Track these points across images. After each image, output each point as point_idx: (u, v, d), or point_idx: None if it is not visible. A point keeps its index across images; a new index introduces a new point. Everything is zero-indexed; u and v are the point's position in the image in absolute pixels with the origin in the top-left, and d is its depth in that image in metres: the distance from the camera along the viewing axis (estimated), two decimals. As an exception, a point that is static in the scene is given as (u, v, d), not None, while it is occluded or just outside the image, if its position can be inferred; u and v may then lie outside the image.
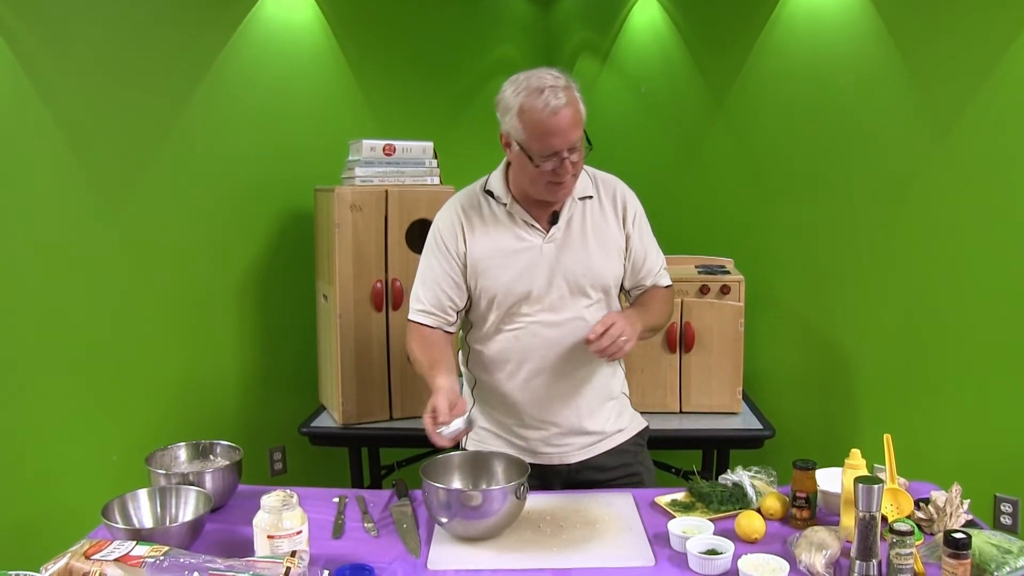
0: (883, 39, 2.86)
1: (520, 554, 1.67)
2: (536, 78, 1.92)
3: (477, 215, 2.07)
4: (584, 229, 2.05)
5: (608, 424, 2.12)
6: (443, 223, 2.09)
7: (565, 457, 2.08)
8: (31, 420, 2.87)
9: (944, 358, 2.79)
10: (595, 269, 2.04)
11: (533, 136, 1.89)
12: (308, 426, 3.01)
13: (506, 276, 2.01)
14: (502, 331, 2.04)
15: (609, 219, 2.08)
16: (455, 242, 2.05)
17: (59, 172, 2.88)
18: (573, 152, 1.91)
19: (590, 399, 2.07)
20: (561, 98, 1.86)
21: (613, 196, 2.10)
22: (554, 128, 1.87)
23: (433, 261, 2.08)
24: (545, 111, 1.86)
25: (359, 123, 3.62)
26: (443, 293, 2.05)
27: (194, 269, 3.23)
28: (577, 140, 1.90)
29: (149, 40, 3.04)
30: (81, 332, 2.96)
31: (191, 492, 1.80)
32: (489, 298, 2.03)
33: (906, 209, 2.86)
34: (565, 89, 1.89)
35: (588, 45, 4.22)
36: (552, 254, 2.02)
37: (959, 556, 1.43)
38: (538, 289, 2.01)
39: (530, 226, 2.03)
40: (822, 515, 1.82)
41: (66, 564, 1.42)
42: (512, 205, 2.04)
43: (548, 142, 1.88)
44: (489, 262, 2.02)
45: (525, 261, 2.01)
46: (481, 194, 2.10)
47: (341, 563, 1.59)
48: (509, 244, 2.03)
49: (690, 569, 1.60)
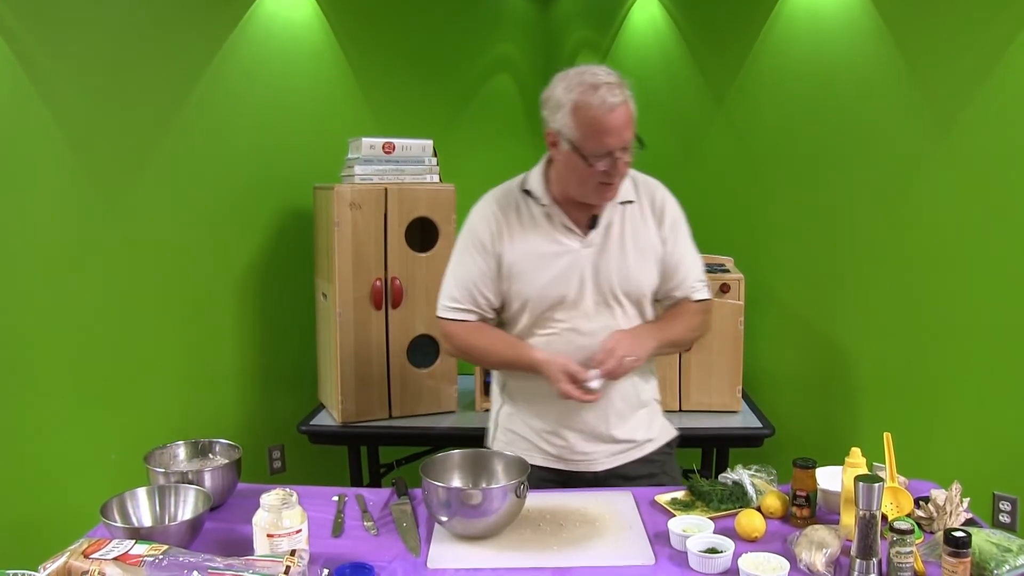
0: (883, 37, 2.86)
1: (520, 553, 1.66)
2: (590, 74, 1.86)
3: (515, 215, 2.02)
4: (623, 235, 2.00)
5: (638, 433, 2.08)
6: (479, 220, 2.05)
7: (592, 465, 2.05)
8: (30, 419, 2.87)
9: (944, 356, 2.79)
10: (632, 277, 2.00)
11: (588, 134, 1.83)
12: (307, 424, 3.00)
13: (541, 280, 1.97)
14: (534, 335, 2.01)
15: (648, 224, 2.03)
16: (491, 241, 2.01)
17: (58, 170, 2.88)
18: (626, 152, 1.87)
19: (620, 407, 2.04)
20: (617, 95, 1.82)
21: (652, 200, 2.06)
22: (610, 126, 1.82)
23: (467, 259, 2.03)
24: (602, 108, 1.81)
25: (358, 121, 3.61)
26: (478, 292, 2.02)
27: (193, 267, 3.22)
28: (630, 140, 1.86)
29: (148, 38, 3.04)
30: (80, 330, 2.96)
31: (190, 491, 1.79)
32: (522, 301, 2.00)
33: (906, 207, 2.86)
34: (620, 86, 1.84)
35: (588, 43, 4.21)
36: (589, 260, 1.98)
37: (959, 555, 1.43)
38: (573, 295, 1.97)
39: (568, 230, 1.99)
40: (822, 514, 1.82)
41: (65, 563, 1.42)
42: (551, 207, 2.00)
43: (603, 141, 1.83)
44: (524, 265, 1.98)
45: (561, 266, 1.97)
46: (519, 193, 2.05)
47: (341, 562, 1.59)
48: (546, 248, 1.98)
49: (690, 568, 1.60)
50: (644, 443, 2.10)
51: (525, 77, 4.30)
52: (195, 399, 3.27)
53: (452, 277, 2.07)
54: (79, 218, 2.93)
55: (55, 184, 2.87)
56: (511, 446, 2.10)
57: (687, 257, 2.08)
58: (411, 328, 3.01)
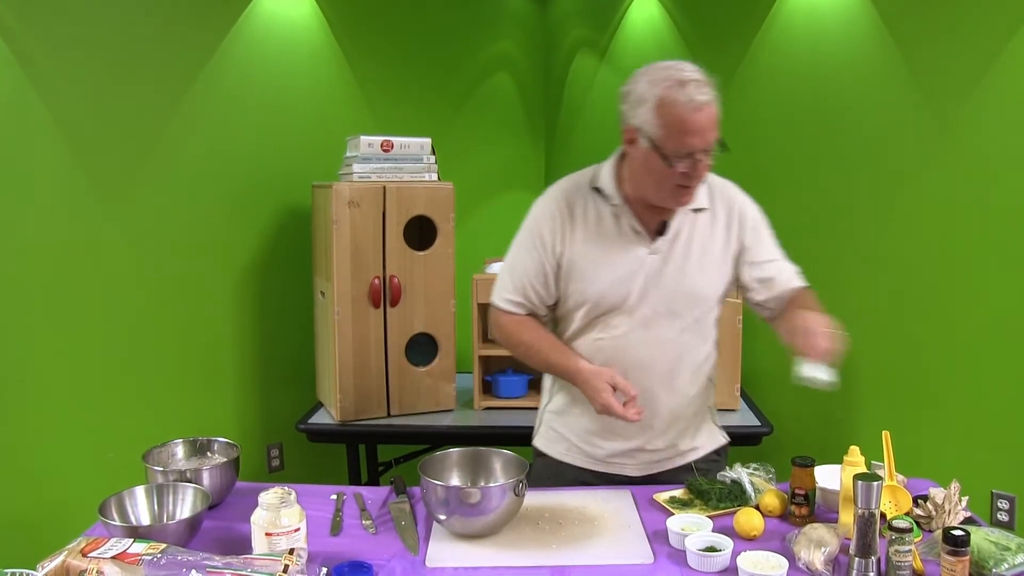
0: (881, 36, 2.86)
1: (519, 551, 1.66)
2: (677, 70, 1.76)
3: (581, 212, 1.93)
4: (691, 244, 1.92)
5: (682, 442, 2.03)
6: (544, 215, 1.96)
7: (630, 471, 2.02)
8: (28, 417, 2.87)
9: (943, 355, 2.79)
10: (695, 289, 1.93)
11: (672, 133, 1.74)
12: (306, 423, 3.00)
13: (600, 283, 1.91)
14: (587, 336, 1.96)
15: (719, 234, 1.95)
16: (553, 238, 1.94)
17: (57, 169, 2.87)
18: (708, 154, 1.77)
19: (668, 420, 1.99)
20: (705, 93, 1.74)
21: (730, 208, 1.97)
22: (695, 125, 1.73)
23: (524, 254, 1.97)
24: (688, 106, 1.72)
25: (357, 119, 3.61)
26: (531, 288, 1.97)
27: (192, 266, 3.22)
28: (714, 142, 1.77)
29: (146, 37, 3.03)
30: (78, 329, 2.96)
31: (188, 489, 1.79)
32: (578, 301, 1.94)
33: (905, 205, 2.86)
34: (708, 84, 1.76)
35: (586, 42, 4.21)
36: (653, 267, 1.90)
37: (958, 553, 1.42)
38: (631, 301, 1.90)
39: (636, 233, 1.91)
40: (821, 512, 1.82)
41: (63, 562, 1.42)
42: (621, 207, 1.91)
43: (686, 140, 1.74)
44: (585, 265, 1.92)
45: (623, 270, 1.90)
46: (588, 190, 1.96)
47: (339, 560, 1.59)
48: (609, 249, 1.91)
49: (689, 566, 1.59)
50: (687, 452, 2.05)
51: (524, 75, 4.30)
52: (193, 397, 3.27)
53: (508, 268, 2.01)
54: (77, 217, 2.93)
55: (54, 183, 2.87)
56: (552, 444, 2.08)
57: (776, 253, 2.01)
58: (409, 326, 3.01)
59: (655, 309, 1.91)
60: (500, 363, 3.16)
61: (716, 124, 1.77)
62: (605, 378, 1.83)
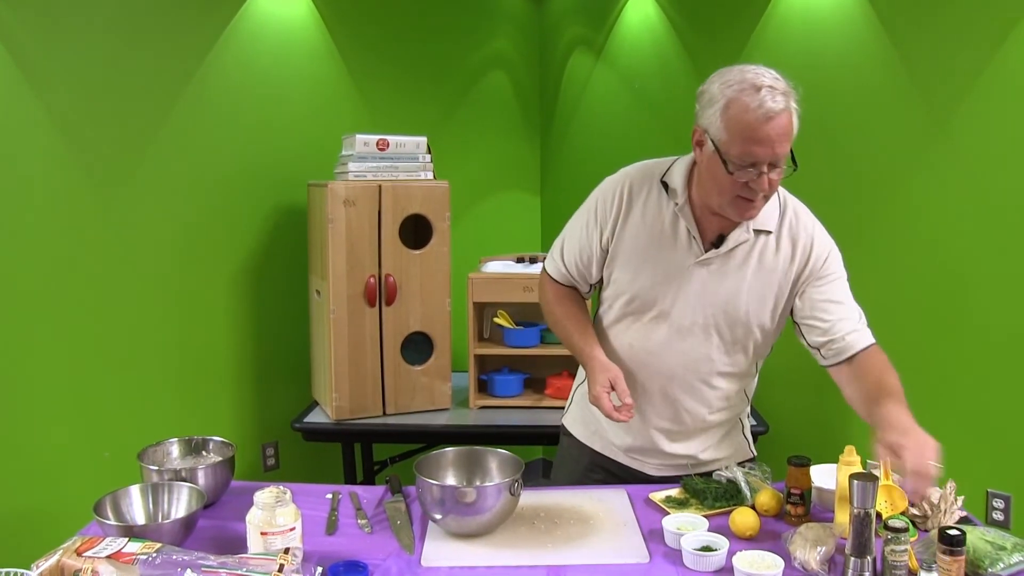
0: (877, 34, 2.86)
1: (514, 550, 1.66)
2: (754, 73, 1.66)
3: (642, 203, 1.87)
4: (745, 265, 1.83)
5: (704, 452, 2.01)
6: (606, 195, 1.91)
7: (648, 469, 2.02)
8: (23, 416, 2.86)
9: (938, 355, 2.80)
10: (736, 311, 1.85)
11: (735, 139, 1.65)
12: (301, 422, 3.00)
13: (642, 280, 1.86)
14: (623, 327, 1.93)
15: (781, 264, 1.85)
16: (605, 220, 1.89)
17: (52, 167, 2.86)
18: (775, 169, 1.68)
19: (689, 428, 1.96)
20: (779, 102, 1.64)
21: (796, 237, 1.86)
22: (763, 135, 1.63)
23: (578, 228, 1.95)
24: (757, 112, 1.62)
25: (352, 118, 3.61)
26: (574, 263, 1.97)
27: (187, 264, 3.22)
28: (783, 155, 1.68)
29: (142, 35, 3.03)
30: (73, 328, 2.95)
31: (184, 488, 1.78)
32: (617, 291, 1.91)
33: (901, 204, 2.86)
34: (785, 94, 1.66)
35: (582, 40, 4.21)
36: (699, 278, 1.84)
37: (954, 553, 1.43)
38: (667, 305, 1.86)
39: (691, 238, 1.83)
40: (817, 511, 1.82)
41: (57, 561, 1.41)
42: (684, 208, 1.83)
43: (751, 149, 1.65)
44: (631, 257, 1.87)
45: (667, 273, 1.85)
46: (657, 182, 1.88)
47: (335, 559, 1.58)
48: (659, 248, 1.85)
49: (684, 566, 1.59)
50: (709, 462, 2.00)
51: (519, 74, 4.29)
52: (189, 396, 3.26)
53: (563, 236, 2.00)
54: (73, 216, 2.92)
55: (49, 182, 2.86)
56: (578, 425, 2.09)
57: (841, 296, 1.88)
58: (405, 325, 3.01)
59: (692, 320, 1.86)
60: (495, 362, 3.16)
61: (788, 137, 1.68)
62: (609, 375, 1.82)
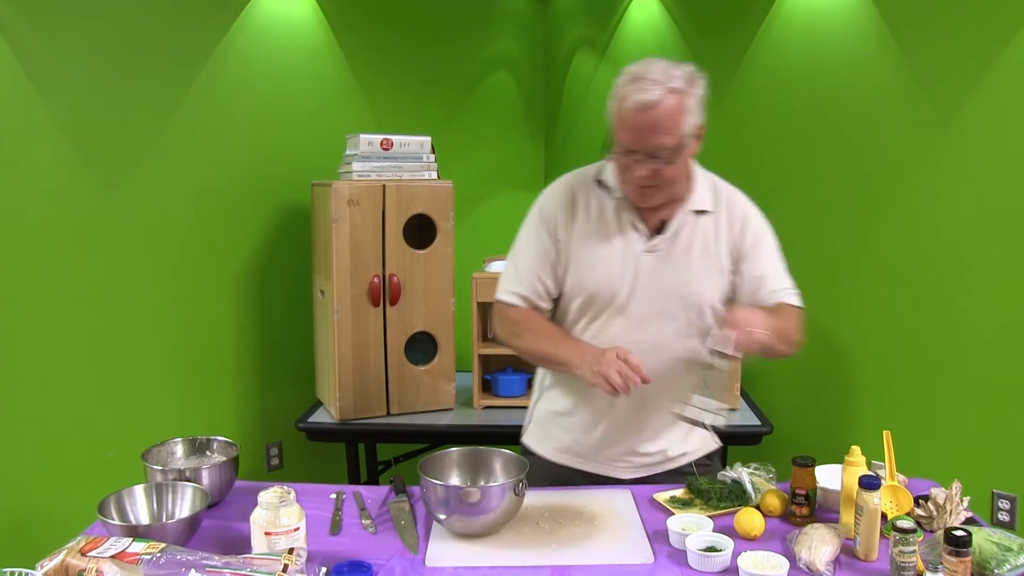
0: (882, 34, 2.85)
1: (519, 551, 1.66)
2: (642, 65, 1.76)
3: (584, 204, 1.92)
4: (691, 245, 1.89)
5: (672, 447, 2.02)
6: (549, 204, 1.95)
7: (619, 473, 2.01)
8: (27, 416, 2.86)
9: (943, 354, 2.79)
10: (691, 291, 1.89)
11: (616, 126, 1.76)
12: (305, 421, 3.00)
13: (596, 276, 1.90)
14: (582, 327, 1.94)
15: (723, 239, 1.92)
16: (556, 227, 1.93)
17: (56, 166, 2.87)
18: (654, 159, 1.75)
19: (657, 424, 1.97)
20: (653, 94, 1.70)
21: (732, 214, 1.94)
22: (632, 123, 1.72)
23: (529, 246, 1.96)
24: (629, 101, 1.71)
25: (356, 118, 3.61)
26: (538, 279, 1.95)
27: (191, 264, 3.22)
28: (659, 147, 1.74)
29: (146, 35, 3.03)
30: (77, 327, 2.95)
31: (188, 488, 1.78)
32: (573, 293, 1.93)
33: (905, 204, 2.85)
34: (664, 88, 1.71)
35: (586, 40, 4.20)
36: (649, 265, 1.89)
37: (960, 554, 1.42)
38: (623, 298, 1.89)
39: (634, 229, 1.89)
40: (821, 512, 1.82)
41: (62, 561, 1.41)
42: (623, 201, 1.89)
43: (621, 136, 1.75)
44: (582, 256, 1.91)
45: (619, 266, 1.89)
46: (593, 182, 1.94)
47: (339, 560, 1.58)
48: (608, 243, 1.89)
49: (689, 566, 1.59)
50: (677, 457, 2.03)
51: (523, 74, 4.29)
52: (193, 396, 3.26)
53: (512, 262, 1.99)
54: (76, 214, 2.92)
55: (52, 180, 2.87)
56: (541, 442, 2.07)
57: (774, 270, 1.95)
58: (409, 325, 3.01)
59: (648, 309, 1.89)
60: (500, 362, 3.16)
61: (660, 130, 1.72)
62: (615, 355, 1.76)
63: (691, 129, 1.79)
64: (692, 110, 1.77)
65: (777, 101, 3.26)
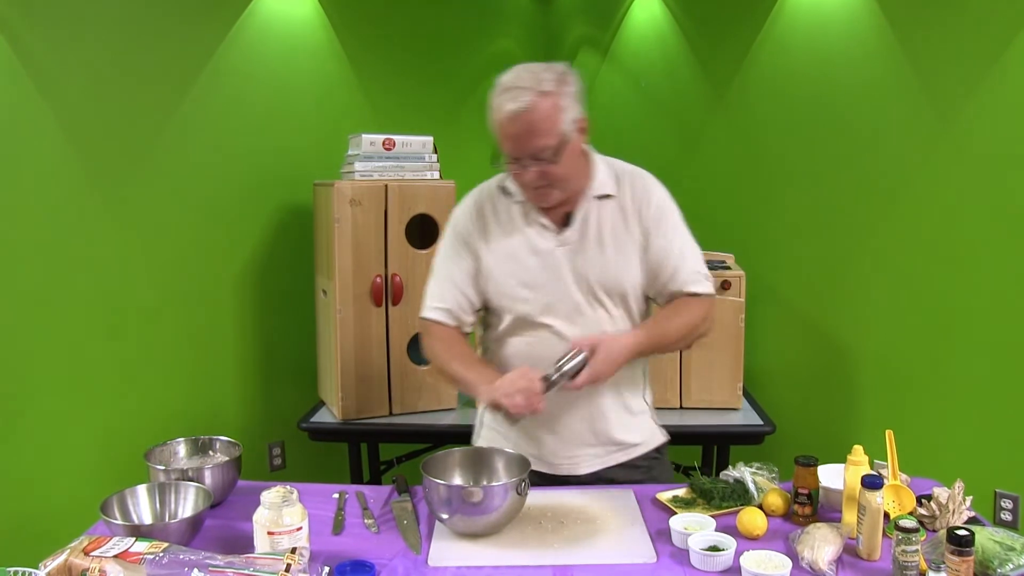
0: (884, 32, 2.85)
1: (521, 550, 1.66)
2: (514, 73, 1.79)
3: (492, 214, 1.97)
4: (600, 231, 1.91)
5: (625, 436, 2.02)
6: (460, 220, 2.00)
7: (575, 468, 2.01)
8: (30, 415, 2.86)
9: (946, 354, 2.79)
10: (611, 275, 1.91)
11: (496, 136, 1.80)
12: (308, 421, 3.00)
13: (516, 282, 1.92)
14: (516, 336, 1.96)
15: (629, 219, 1.93)
16: (471, 239, 1.96)
17: (58, 167, 2.87)
18: (539, 161, 1.78)
19: (605, 411, 1.98)
20: (519, 102, 1.73)
21: (634, 192, 1.94)
22: (506, 133, 1.77)
23: (450, 260, 1.99)
24: (500, 113, 1.76)
25: (358, 117, 3.61)
26: (460, 293, 1.97)
27: (193, 264, 3.22)
28: (540, 150, 1.77)
29: (147, 35, 3.03)
30: (80, 327, 2.95)
31: (190, 488, 1.79)
32: (500, 303, 1.95)
33: (908, 203, 2.85)
34: (534, 93, 1.74)
35: (588, 40, 4.20)
36: (566, 259, 1.91)
37: (963, 553, 1.42)
38: (551, 297, 1.91)
39: (543, 227, 1.92)
40: (824, 512, 1.82)
41: (65, 560, 1.41)
42: (527, 203, 1.93)
43: (503, 145, 1.79)
44: (501, 266, 1.94)
45: (538, 267, 1.91)
46: (496, 191, 1.99)
47: (341, 559, 1.58)
48: (522, 248, 1.93)
49: (692, 566, 1.59)
50: (630, 447, 2.04)
51: (525, 74, 4.28)
52: (195, 396, 3.26)
53: (433, 280, 2.02)
54: (79, 215, 2.92)
55: (55, 181, 2.87)
56: (494, 445, 2.06)
57: (676, 249, 1.94)
58: (411, 325, 3.01)
59: (574, 300, 1.91)
60: (502, 362, 3.15)
61: (535, 133, 1.75)
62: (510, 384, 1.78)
63: (570, 125, 1.80)
64: (567, 107, 1.79)
65: (779, 101, 3.26)
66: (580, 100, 1.84)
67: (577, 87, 1.83)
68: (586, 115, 1.85)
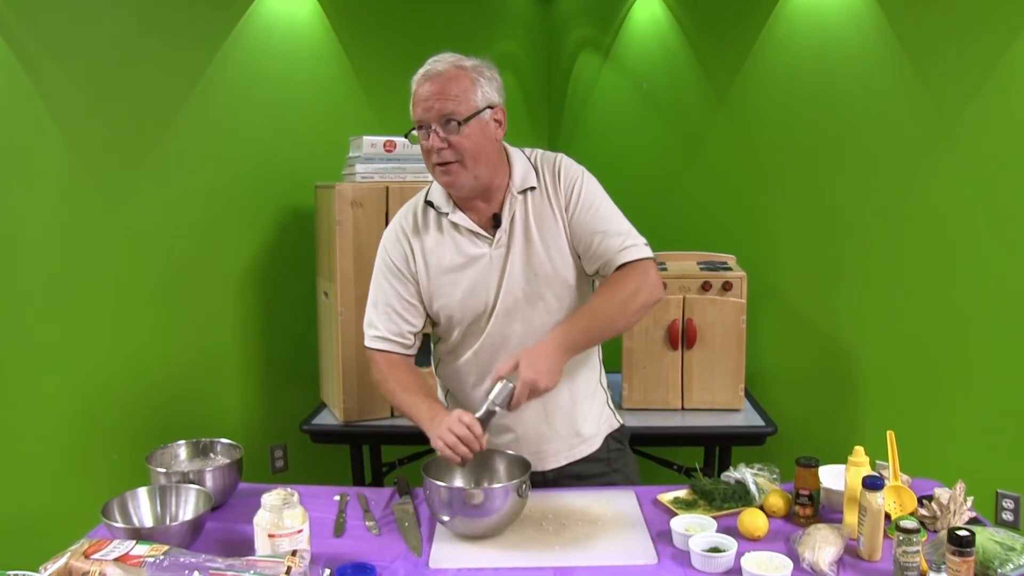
0: (886, 33, 2.85)
1: (522, 552, 1.66)
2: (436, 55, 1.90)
3: (423, 230, 1.97)
4: (528, 225, 1.91)
5: (584, 426, 2.03)
6: (390, 243, 2.00)
7: (539, 464, 1.99)
8: (30, 418, 2.86)
9: (947, 355, 2.78)
10: (545, 267, 1.91)
11: (412, 110, 1.88)
12: (309, 423, 3.00)
13: (459, 293, 1.92)
14: (466, 345, 1.98)
15: (553, 206, 1.92)
16: (405, 263, 1.97)
17: (58, 169, 2.87)
18: (446, 127, 1.81)
19: (560, 402, 1.98)
20: (438, 66, 1.84)
21: (554, 178, 1.94)
22: (421, 96, 1.84)
23: (385, 284, 2.00)
24: (417, 76, 1.86)
25: (360, 119, 3.61)
26: (399, 317, 1.98)
27: (195, 267, 3.22)
28: (449, 113, 1.81)
29: (148, 37, 3.03)
30: (81, 329, 2.95)
31: (191, 491, 1.79)
32: (447, 318, 1.96)
33: (910, 204, 2.85)
34: (453, 65, 1.84)
35: (589, 41, 4.20)
36: (502, 260, 1.91)
37: (963, 554, 1.42)
38: (493, 302, 1.92)
39: (475, 234, 1.92)
40: (825, 513, 1.82)
41: (65, 563, 1.42)
42: (454, 213, 1.93)
43: (414, 108, 1.85)
44: (441, 280, 1.94)
45: (475, 274, 1.92)
46: (422, 207, 1.99)
47: (342, 562, 1.59)
48: (457, 259, 1.93)
49: (693, 567, 1.59)
50: (590, 437, 2.05)
51: (527, 75, 4.29)
52: (196, 398, 3.26)
53: (371, 305, 2.02)
54: (79, 217, 2.93)
55: (55, 183, 2.87)
56: None
57: (602, 224, 1.90)
58: (413, 327, 3.00)
59: (516, 299, 1.91)
60: (503, 363, 3.15)
61: (447, 94, 1.81)
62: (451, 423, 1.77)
63: (482, 102, 1.85)
64: (482, 85, 1.85)
65: (781, 102, 3.26)
66: (499, 93, 1.90)
67: (498, 80, 1.90)
68: (505, 112, 1.92)
